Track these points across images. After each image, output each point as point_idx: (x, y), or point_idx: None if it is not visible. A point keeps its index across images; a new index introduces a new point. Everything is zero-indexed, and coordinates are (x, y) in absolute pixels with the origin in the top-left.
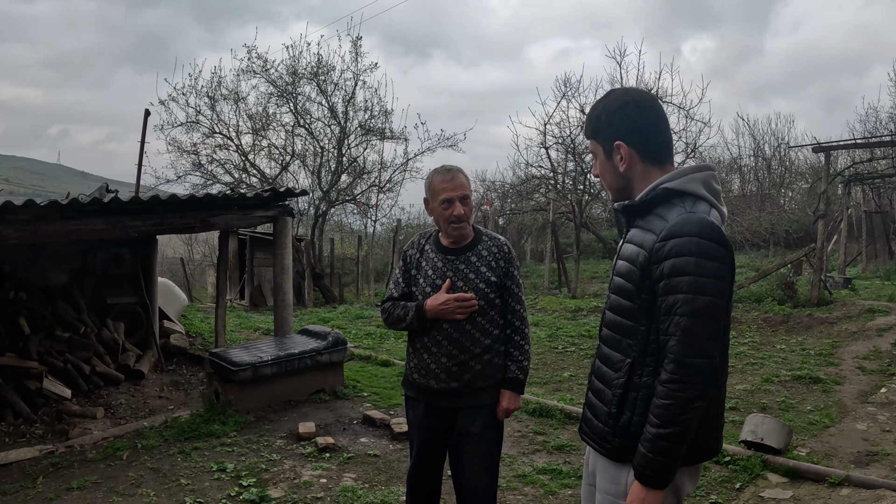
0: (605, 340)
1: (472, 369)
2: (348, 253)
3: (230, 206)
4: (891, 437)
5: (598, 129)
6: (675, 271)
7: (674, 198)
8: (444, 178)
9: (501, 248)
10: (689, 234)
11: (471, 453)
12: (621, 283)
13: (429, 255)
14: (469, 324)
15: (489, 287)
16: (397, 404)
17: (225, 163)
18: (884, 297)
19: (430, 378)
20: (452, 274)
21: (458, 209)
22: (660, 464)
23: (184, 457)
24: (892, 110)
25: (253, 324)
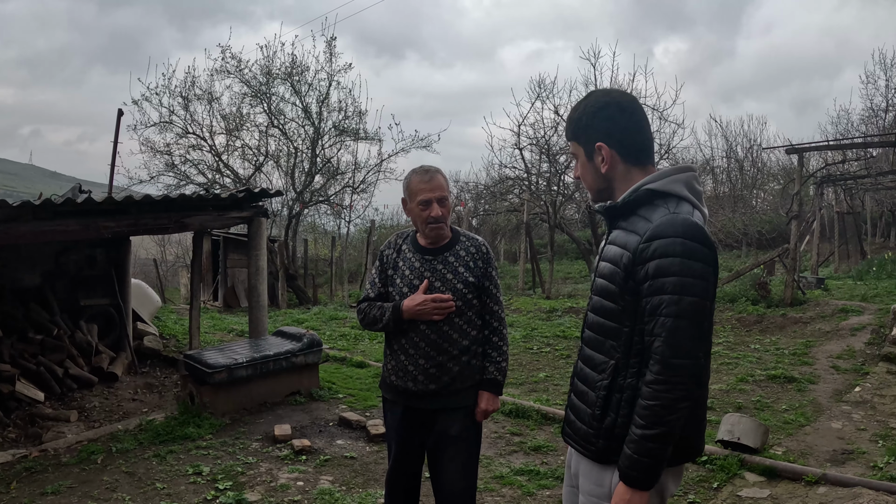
0: (588, 342)
1: (449, 371)
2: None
3: (205, 206)
4: (866, 435)
5: (578, 130)
6: (660, 272)
7: (656, 199)
8: (422, 179)
9: (479, 248)
10: (674, 234)
11: (449, 456)
12: (604, 284)
13: (406, 256)
14: (446, 325)
15: (467, 288)
16: (373, 406)
17: (198, 163)
18: (856, 297)
19: (408, 380)
20: (430, 274)
21: (436, 210)
22: (646, 465)
23: (159, 460)
24: (864, 112)
25: (227, 325)
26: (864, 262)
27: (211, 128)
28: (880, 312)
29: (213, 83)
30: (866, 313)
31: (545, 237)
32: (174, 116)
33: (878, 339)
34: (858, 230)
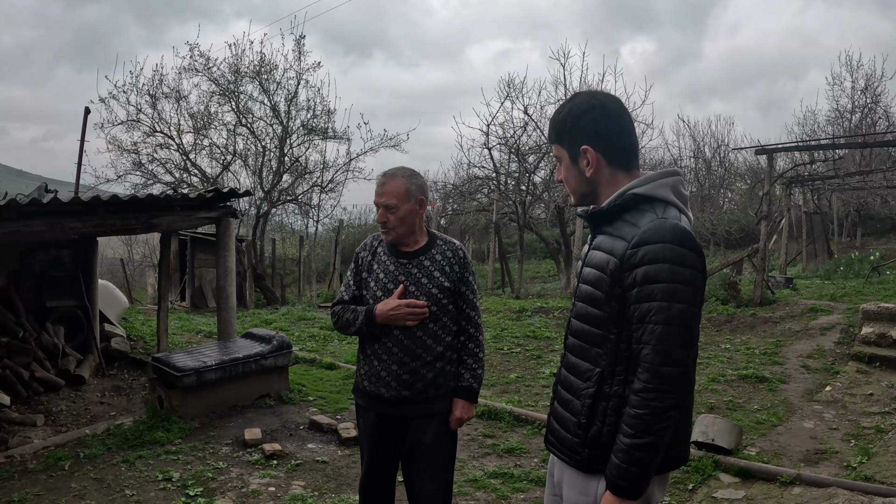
0: (572, 349)
1: (423, 377)
2: (289, 253)
3: (173, 207)
4: (838, 434)
5: (562, 132)
6: (649, 278)
7: (643, 203)
8: (379, 182)
9: (456, 252)
10: (662, 240)
11: (424, 463)
12: (589, 290)
13: (381, 258)
14: (420, 330)
15: (442, 292)
16: (344, 409)
17: (166, 162)
18: (825, 297)
19: (381, 386)
20: (404, 278)
21: (380, 216)
22: (634, 474)
23: (128, 466)
24: (830, 114)
25: (195, 326)
26: (831, 261)
27: (179, 126)
28: (849, 312)
29: (181, 81)
30: (835, 313)
31: (514, 236)
32: (142, 115)
33: (848, 339)
34: (825, 230)
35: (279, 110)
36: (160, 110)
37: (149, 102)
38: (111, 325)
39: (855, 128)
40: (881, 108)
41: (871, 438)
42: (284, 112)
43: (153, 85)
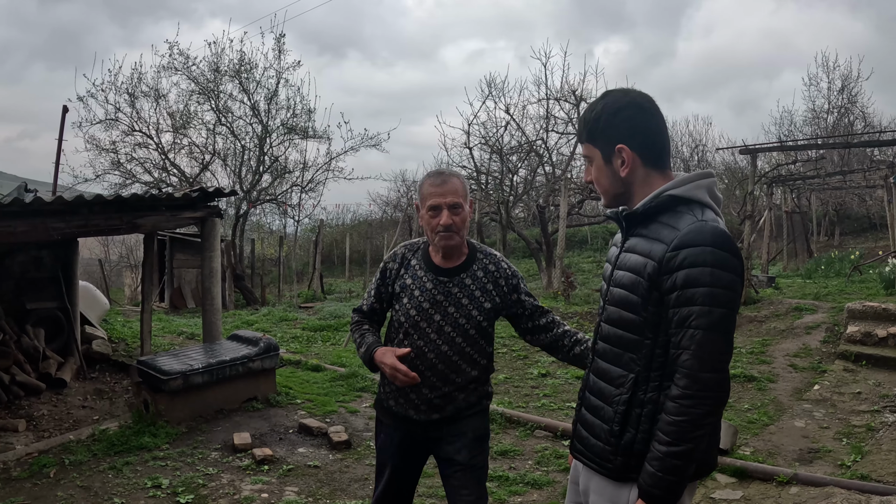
0: (603, 354)
1: (455, 400)
2: (268, 253)
3: (157, 206)
4: (829, 433)
5: (595, 131)
6: (690, 282)
7: (679, 205)
8: (434, 182)
9: (499, 264)
10: (704, 243)
11: (458, 484)
12: (624, 294)
13: (416, 273)
14: (456, 355)
15: (482, 314)
16: (332, 412)
17: (144, 161)
18: (809, 296)
19: (409, 408)
20: (443, 298)
21: (445, 218)
22: (669, 483)
23: (115, 473)
24: (807, 114)
25: (176, 327)
26: (811, 260)
27: (157, 125)
28: (834, 311)
29: (159, 80)
30: (820, 311)
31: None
32: (120, 114)
33: (834, 338)
34: (805, 229)
35: (259, 109)
36: (139, 109)
37: (127, 101)
38: (92, 328)
39: (832, 128)
40: (858, 109)
41: (863, 437)
42: (264, 111)
43: (132, 83)
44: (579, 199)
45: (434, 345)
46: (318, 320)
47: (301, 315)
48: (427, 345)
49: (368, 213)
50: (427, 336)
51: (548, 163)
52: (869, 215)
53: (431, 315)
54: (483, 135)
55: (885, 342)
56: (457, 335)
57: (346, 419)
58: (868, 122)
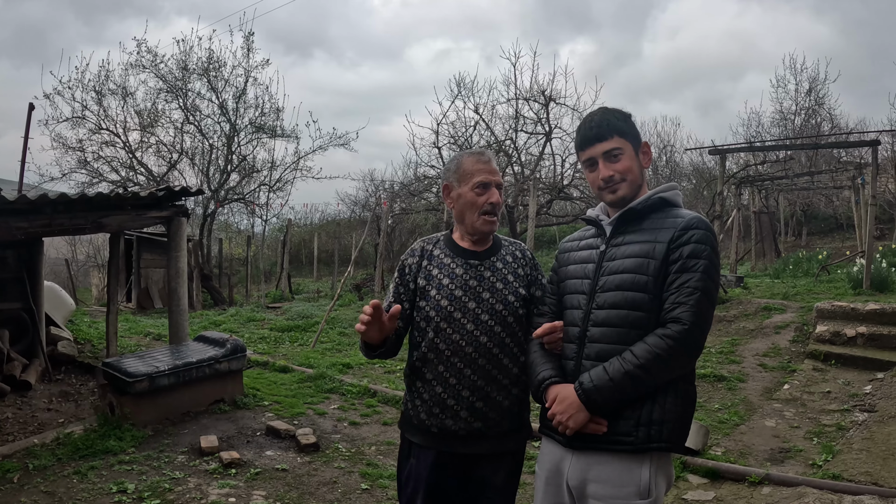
0: (601, 338)
1: (498, 405)
2: (236, 253)
3: (123, 206)
4: (800, 432)
5: (625, 129)
6: (695, 255)
7: (666, 206)
8: (480, 160)
9: (525, 252)
10: (706, 229)
11: None
12: (630, 277)
13: (442, 261)
14: (497, 347)
15: (518, 300)
16: (300, 413)
17: (111, 160)
18: (777, 295)
19: (447, 417)
20: (476, 283)
21: (496, 196)
22: (610, 391)
23: (80, 478)
24: (775, 115)
25: (142, 328)
26: (779, 260)
27: (125, 124)
28: (803, 311)
29: (127, 78)
30: (789, 311)
31: None
32: (87, 111)
33: (803, 337)
34: (773, 229)
35: (227, 108)
36: (106, 107)
37: (94, 99)
38: (58, 328)
39: (799, 129)
40: (825, 111)
41: (833, 436)
42: (232, 109)
43: (99, 81)
44: (548, 199)
45: (472, 336)
46: (285, 321)
47: (269, 315)
48: (464, 337)
49: (337, 213)
50: (463, 328)
51: (517, 163)
52: (836, 216)
53: (465, 303)
54: (452, 134)
55: (854, 341)
56: (495, 324)
57: (314, 421)
58: (835, 124)
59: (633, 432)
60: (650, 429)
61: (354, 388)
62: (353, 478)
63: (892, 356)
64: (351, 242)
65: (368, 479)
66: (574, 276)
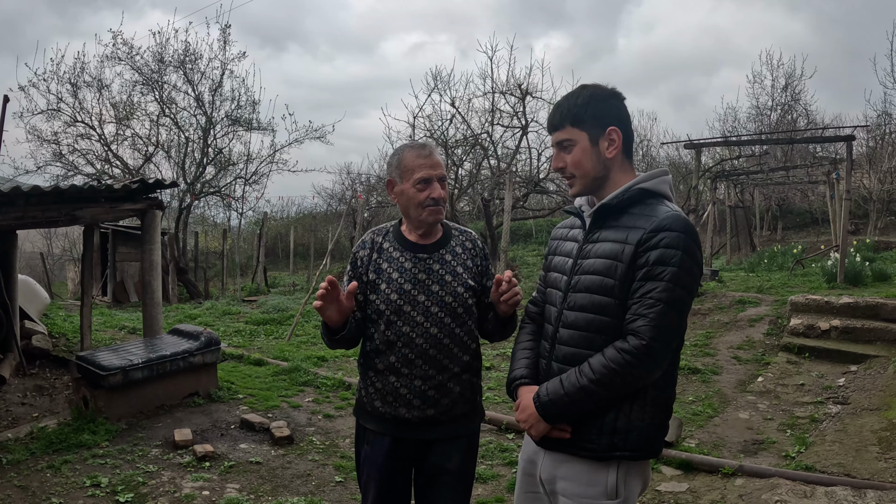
0: (570, 341)
1: (450, 392)
2: (212, 247)
3: (97, 198)
4: (773, 424)
5: (583, 115)
6: (661, 261)
7: (648, 198)
8: (420, 154)
9: (475, 243)
10: (680, 230)
11: (446, 495)
12: (598, 280)
13: (391, 255)
14: (447, 337)
15: (468, 291)
16: (275, 406)
17: (87, 153)
18: (752, 289)
19: (400, 406)
20: (425, 276)
21: (437, 191)
22: (565, 404)
23: (53, 472)
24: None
25: (118, 322)
26: (754, 254)
27: (100, 116)
28: (777, 304)
29: (103, 70)
30: (763, 304)
31: None
32: (62, 104)
33: (777, 330)
34: (748, 223)
35: (203, 100)
36: (81, 99)
37: (70, 91)
38: (32, 322)
39: (775, 125)
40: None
41: (806, 428)
42: (209, 102)
43: (74, 73)
44: (524, 192)
45: (422, 328)
46: (261, 314)
47: (244, 309)
48: (414, 329)
49: (313, 206)
50: (413, 320)
51: (493, 156)
52: (811, 210)
53: (415, 296)
54: (428, 128)
55: (828, 335)
56: (445, 315)
57: (289, 414)
58: (811, 120)
59: (595, 439)
60: (614, 437)
61: (329, 381)
62: (327, 470)
63: (865, 349)
64: (327, 236)
65: (342, 472)
66: (556, 270)
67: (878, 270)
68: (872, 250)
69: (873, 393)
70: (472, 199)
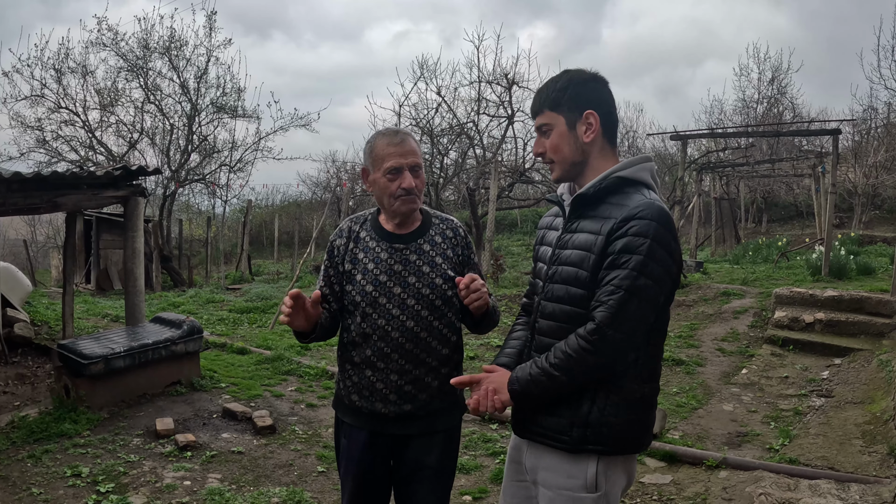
0: (548, 332)
1: (427, 387)
2: (197, 234)
3: (79, 185)
4: (757, 417)
5: (560, 99)
6: (627, 249)
7: (627, 186)
8: (391, 142)
9: (457, 231)
10: (650, 218)
11: (426, 489)
12: (572, 271)
13: (367, 245)
14: (425, 331)
15: (447, 283)
16: (257, 395)
17: (71, 139)
18: (736, 281)
19: (376, 400)
20: (401, 267)
21: (408, 180)
22: (530, 387)
23: (34, 461)
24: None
25: (101, 310)
26: (739, 246)
27: (85, 102)
28: (761, 296)
29: (87, 56)
30: (747, 296)
31: None
32: (46, 90)
33: (761, 322)
34: (734, 215)
35: (188, 87)
36: (66, 85)
37: (54, 77)
38: (14, 310)
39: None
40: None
41: (790, 420)
42: (194, 89)
43: (59, 59)
44: (509, 182)
45: (398, 321)
46: (244, 302)
47: (228, 297)
48: (390, 322)
49: (298, 194)
50: (389, 312)
51: (479, 145)
52: (796, 203)
53: (390, 288)
54: (414, 116)
55: (812, 327)
56: (422, 308)
57: (271, 403)
58: (797, 113)
59: (567, 431)
60: (586, 430)
61: (312, 370)
62: (309, 460)
63: (849, 342)
64: (312, 224)
65: (325, 462)
66: (541, 260)
67: (862, 264)
68: (857, 244)
69: (857, 386)
70: (458, 188)
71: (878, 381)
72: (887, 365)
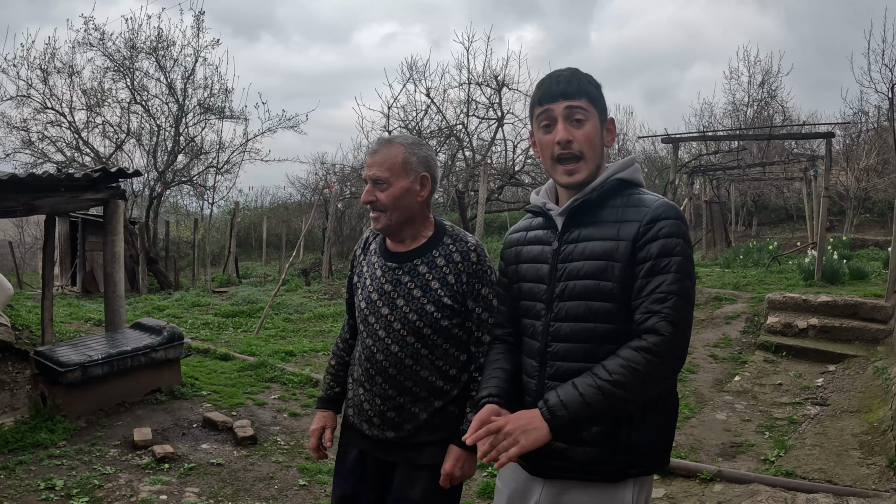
0: (568, 356)
1: (414, 417)
2: (184, 236)
3: (56, 187)
4: (751, 426)
5: (597, 96)
6: (665, 252)
7: (627, 188)
8: (369, 150)
9: (467, 255)
10: (675, 217)
11: None
12: (592, 284)
13: (371, 259)
14: (410, 358)
15: (441, 311)
16: (239, 404)
17: (57, 140)
18: (728, 285)
19: (363, 421)
20: (391, 288)
21: (367, 194)
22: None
23: (7, 473)
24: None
25: (84, 313)
26: (730, 249)
27: (71, 103)
28: (753, 301)
29: (74, 56)
30: (739, 301)
31: None
32: (32, 90)
33: (754, 328)
34: (724, 219)
35: (175, 88)
36: (52, 86)
37: (40, 77)
38: None
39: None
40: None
41: (785, 430)
42: (181, 90)
43: (45, 59)
44: (499, 184)
45: (383, 344)
46: (230, 306)
47: (214, 300)
48: (376, 343)
49: (286, 196)
50: (375, 333)
51: (468, 147)
52: (786, 206)
53: (379, 308)
54: (403, 118)
55: (805, 333)
56: (407, 334)
57: (253, 412)
58: (787, 116)
59: (608, 461)
60: (629, 455)
61: (296, 378)
62: (290, 473)
63: (843, 349)
64: (301, 226)
65: (307, 475)
66: (528, 279)
67: (855, 269)
68: (849, 248)
69: (852, 394)
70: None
71: (875, 389)
72: (883, 372)
